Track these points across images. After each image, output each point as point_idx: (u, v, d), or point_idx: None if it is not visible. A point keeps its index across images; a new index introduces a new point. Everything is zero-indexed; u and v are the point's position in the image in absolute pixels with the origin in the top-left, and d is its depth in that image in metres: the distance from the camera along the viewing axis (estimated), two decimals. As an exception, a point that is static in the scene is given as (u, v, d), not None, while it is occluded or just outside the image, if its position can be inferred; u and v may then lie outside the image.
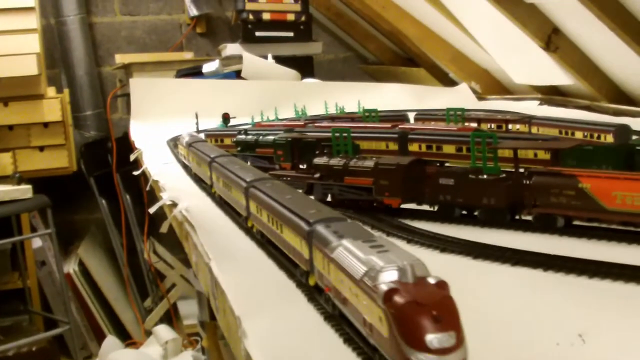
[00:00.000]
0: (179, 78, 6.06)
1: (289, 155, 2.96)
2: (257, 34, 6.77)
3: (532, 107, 5.17)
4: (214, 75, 5.97)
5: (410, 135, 2.95)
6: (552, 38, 4.65)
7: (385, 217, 2.21)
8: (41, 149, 6.40)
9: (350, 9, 7.31)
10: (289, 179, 2.95)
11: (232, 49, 6.79)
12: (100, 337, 6.77)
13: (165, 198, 2.58)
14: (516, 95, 5.88)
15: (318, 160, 2.46)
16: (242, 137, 3.29)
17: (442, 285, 1.13)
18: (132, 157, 4.24)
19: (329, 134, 2.67)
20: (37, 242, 6.64)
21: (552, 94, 5.44)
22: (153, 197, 3.54)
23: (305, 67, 6.82)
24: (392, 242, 1.33)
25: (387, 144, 3.04)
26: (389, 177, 2.20)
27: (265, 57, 6.32)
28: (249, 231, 2.12)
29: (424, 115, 3.85)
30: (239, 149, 3.28)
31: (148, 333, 6.83)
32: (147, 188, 3.38)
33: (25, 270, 6.41)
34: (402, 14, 6.29)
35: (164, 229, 2.54)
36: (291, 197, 1.79)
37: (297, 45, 6.94)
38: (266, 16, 6.79)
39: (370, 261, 1.22)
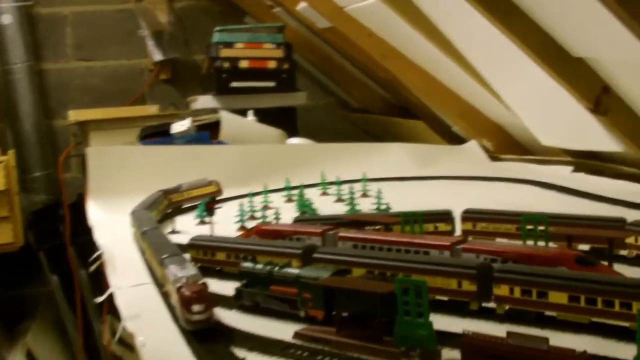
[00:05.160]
0: (144, 141, 5.15)
1: (321, 301, 2.05)
2: (233, 84, 5.89)
3: (564, 174, 4.52)
4: (185, 136, 5.10)
5: (496, 274, 2.04)
6: (601, 98, 3.85)
7: None
8: (-19, 223, 5.47)
9: (338, 53, 6.48)
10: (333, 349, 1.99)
11: (203, 101, 5.96)
12: None
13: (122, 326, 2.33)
14: (538, 157, 5.06)
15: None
16: (249, 265, 2.33)
17: (203, 284, 2.11)
18: (91, 268, 3.31)
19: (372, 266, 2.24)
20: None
21: (584, 158, 4.64)
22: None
23: (287, 119, 6.04)
24: (191, 265, 2.28)
25: (459, 281, 2.13)
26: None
27: (245, 114, 5.47)
28: None
29: (473, 214, 2.95)
30: (244, 281, 2.34)
31: None
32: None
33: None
34: (405, 63, 5.45)
35: None
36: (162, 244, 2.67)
37: (279, 96, 6.08)
38: (244, 64, 5.91)
39: (176, 274, 2.17)
